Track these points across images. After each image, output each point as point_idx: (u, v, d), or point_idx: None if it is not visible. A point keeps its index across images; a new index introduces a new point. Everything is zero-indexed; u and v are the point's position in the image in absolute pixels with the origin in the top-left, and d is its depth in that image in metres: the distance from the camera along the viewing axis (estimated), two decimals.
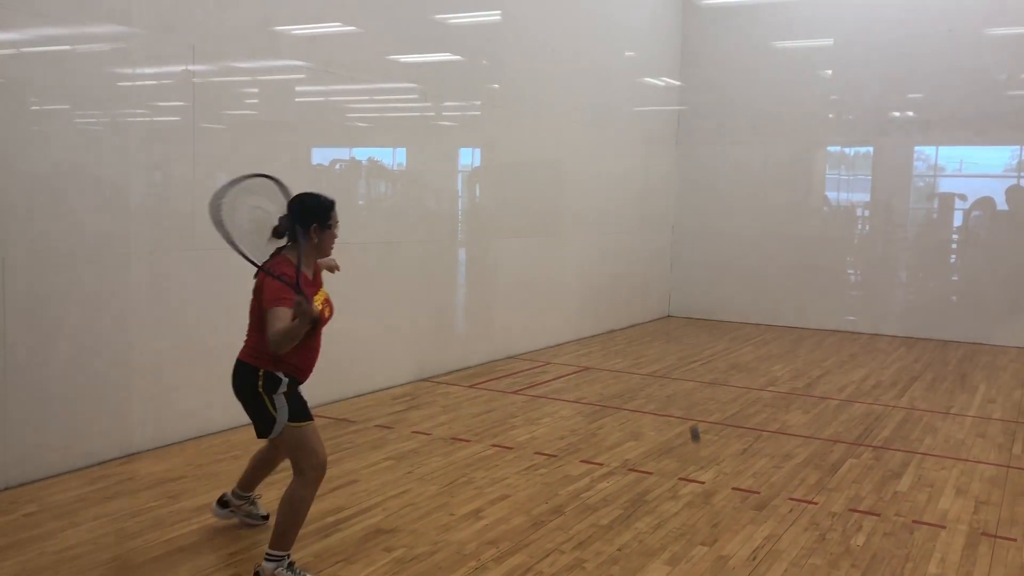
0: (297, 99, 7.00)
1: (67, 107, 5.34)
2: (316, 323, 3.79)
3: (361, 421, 6.64)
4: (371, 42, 7.53)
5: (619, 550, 4.35)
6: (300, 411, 3.91)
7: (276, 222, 3.92)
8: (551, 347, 10.25)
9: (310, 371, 4.04)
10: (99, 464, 5.42)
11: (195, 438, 5.99)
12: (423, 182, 8.53)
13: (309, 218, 3.87)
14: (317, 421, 6.25)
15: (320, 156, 7.55)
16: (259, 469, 4.49)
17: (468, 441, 6.20)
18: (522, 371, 8.83)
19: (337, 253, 4.19)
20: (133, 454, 5.63)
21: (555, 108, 10.09)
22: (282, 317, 3.62)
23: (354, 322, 7.36)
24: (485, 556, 4.23)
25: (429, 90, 8.39)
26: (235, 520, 4.55)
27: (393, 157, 8.42)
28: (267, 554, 3.84)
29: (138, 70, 5.76)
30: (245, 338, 3.97)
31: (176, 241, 5.92)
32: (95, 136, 5.49)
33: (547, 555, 4.26)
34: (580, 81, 10.54)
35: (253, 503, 4.56)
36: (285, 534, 3.83)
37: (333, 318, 4.11)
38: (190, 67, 5.95)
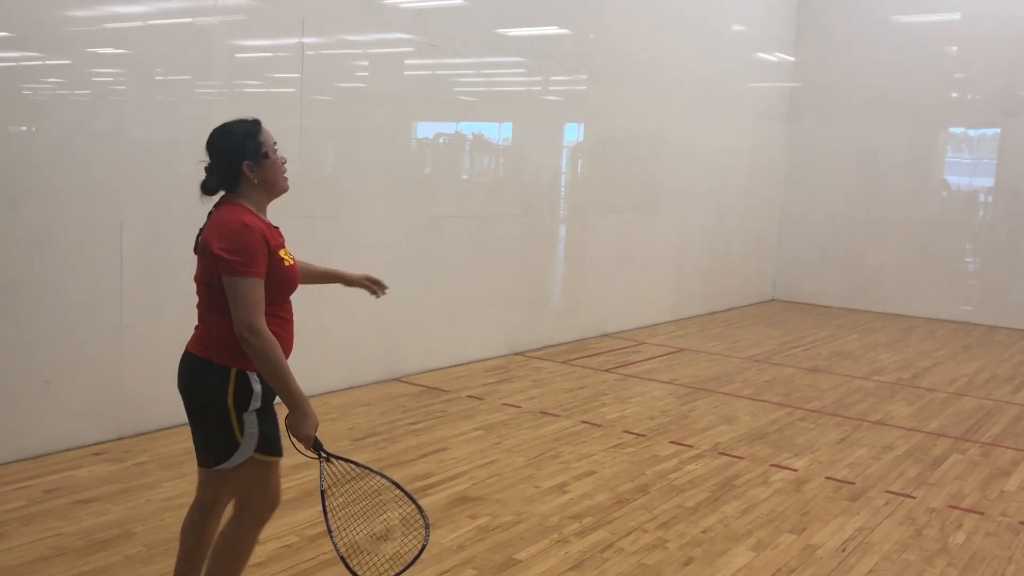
0: (405, 72, 7.11)
1: (188, 78, 5.58)
2: (289, 285, 2.98)
3: (454, 391, 6.76)
4: (478, 16, 7.57)
5: (703, 532, 4.31)
6: (274, 441, 2.91)
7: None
8: (647, 327, 10.16)
9: (290, 348, 3.00)
10: None
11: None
12: (526, 157, 8.55)
13: (236, 157, 2.93)
14: (410, 389, 6.36)
15: (425, 130, 7.66)
16: (198, 551, 3.06)
17: (557, 416, 6.23)
18: (616, 349, 8.79)
19: (439, 226, 3.89)
20: None
21: (662, 83, 9.92)
22: (246, 292, 2.74)
23: (451, 293, 7.50)
24: (567, 530, 4.26)
25: (536, 64, 8.38)
26: None
27: (499, 132, 8.47)
28: None
29: (253, 42, 5.97)
30: (198, 323, 2.97)
31: (285, 208, 6.11)
32: (212, 106, 5.73)
33: (629, 532, 4.26)
34: (688, 55, 10.32)
35: None
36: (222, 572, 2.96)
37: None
38: (303, 40, 6.11)
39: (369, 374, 6.85)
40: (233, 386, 2.81)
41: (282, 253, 2.93)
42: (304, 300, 6.17)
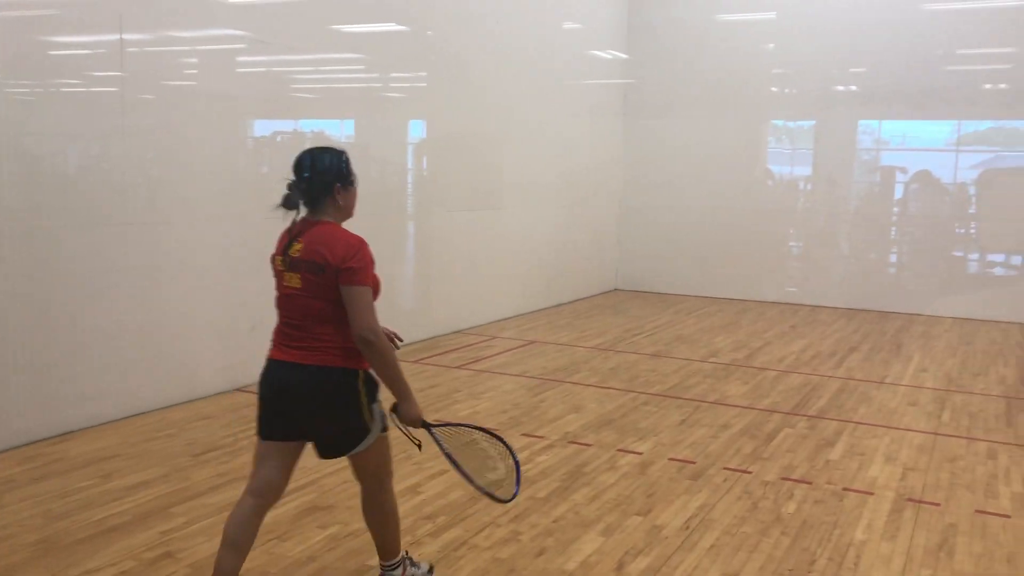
0: (238, 69, 6.86)
1: None
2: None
3: None
4: (311, 11, 7.38)
5: (554, 522, 4.39)
6: (383, 418, 3.37)
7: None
8: (498, 321, 10.26)
9: None
10: (30, 444, 5.31)
11: (128, 417, 5.88)
12: (369, 155, 8.45)
13: (331, 178, 3.26)
14: (252, 398, 6.22)
15: (262, 128, 7.42)
16: (250, 541, 3.34)
17: None
18: (467, 346, 8.83)
19: (277, 227, 3.67)
20: (66, 433, 5.52)
21: (501, 80, 10.02)
22: (368, 299, 3.16)
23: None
24: (421, 531, 4.24)
25: (375, 60, 8.28)
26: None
27: (341, 129, 8.32)
28: (384, 567, 3.52)
29: (68, 38, 5.60)
30: (296, 335, 3.21)
31: (108, 215, 5.78)
32: (27, 106, 5.33)
33: (483, 528, 4.28)
34: (525, 53, 10.47)
35: (414, 564, 3.69)
36: (391, 541, 3.51)
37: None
38: (122, 36, 5.78)
39: (209, 385, 6.57)
40: (363, 384, 3.23)
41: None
42: (135, 308, 5.90)
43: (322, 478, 4.90)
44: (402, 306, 8.95)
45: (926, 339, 9.91)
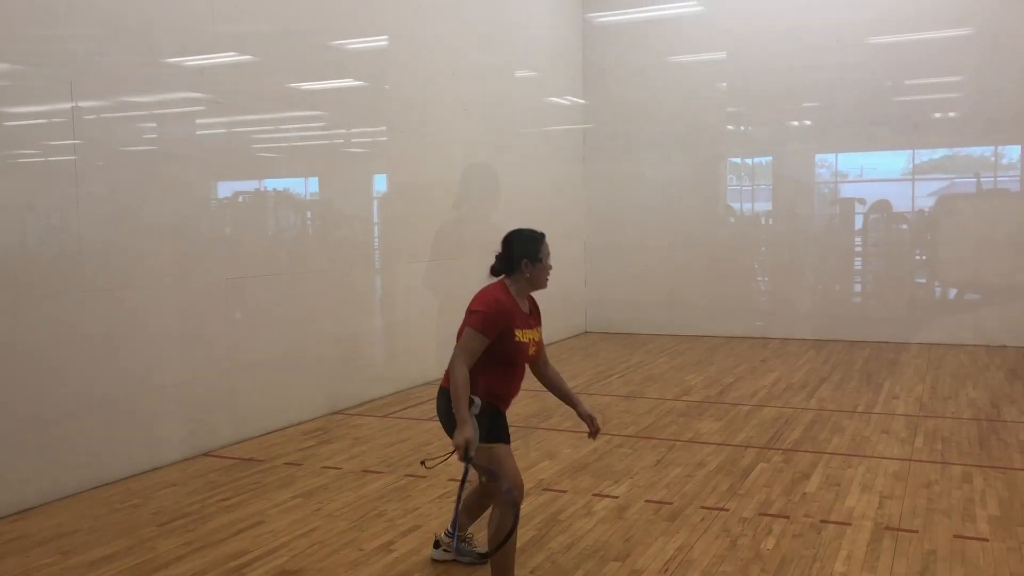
0: (197, 131, 6.83)
1: None
2: (517, 356, 4.02)
3: (269, 459, 6.45)
4: (267, 71, 7.40)
5: (531, 572, 4.30)
6: (493, 432, 3.91)
7: None
8: None
9: (509, 400, 4.11)
10: None
11: (91, 489, 5.72)
12: (335, 210, 8.43)
13: (520, 253, 4.07)
14: (221, 463, 6.10)
15: (225, 189, 7.38)
16: (471, 512, 4.42)
17: (381, 473, 6.08)
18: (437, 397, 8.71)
19: (241, 288, 3.93)
20: (25, 510, 5.35)
21: (460, 131, 10.08)
22: (468, 339, 3.85)
23: (260, 357, 7.20)
24: None
25: (335, 117, 8.31)
26: (450, 557, 4.43)
27: (305, 187, 8.30)
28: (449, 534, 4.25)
29: (21, 108, 5.55)
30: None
31: (66, 283, 5.68)
32: None
33: None
34: (483, 102, 10.56)
35: (467, 541, 4.42)
36: (503, 570, 3.89)
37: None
38: (74, 104, 5.74)
39: (174, 452, 6.42)
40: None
41: (518, 333, 3.98)
42: (95, 377, 5.78)
43: (292, 540, 4.77)
44: (369, 360, 8.86)
45: (895, 366, 9.97)
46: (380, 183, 9.23)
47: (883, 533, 4.73)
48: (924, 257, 12.26)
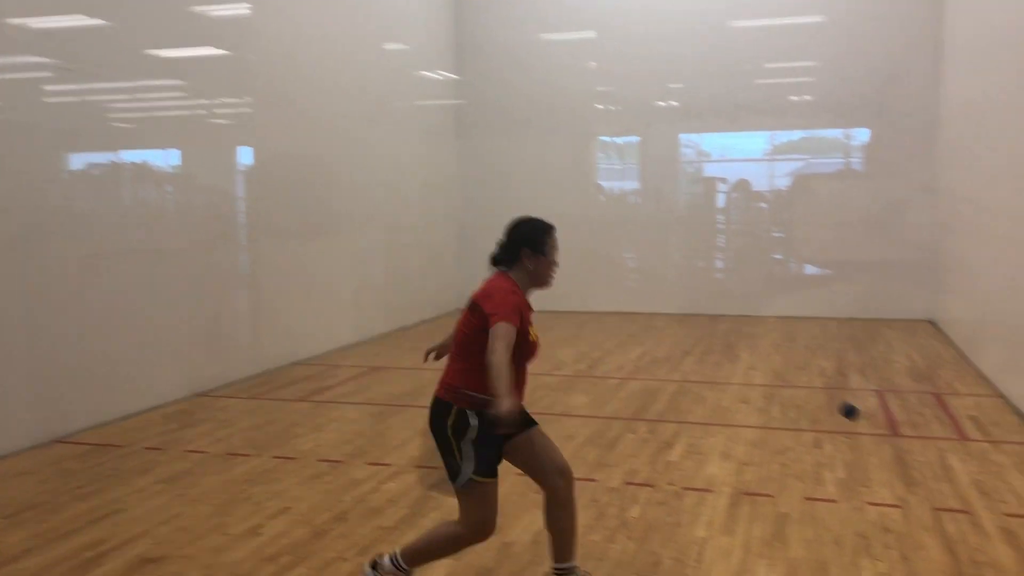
0: (44, 99, 6.39)
1: None
2: (527, 355, 3.73)
3: (128, 445, 6.18)
4: (122, 37, 7.00)
5: (400, 548, 4.28)
6: (489, 466, 3.66)
7: None
8: (340, 349, 10.03)
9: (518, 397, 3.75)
10: None
11: None
12: (197, 184, 8.09)
13: (521, 242, 3.75)
14: (75, 449, 5.81)
15: (77, 161, 6.95)
16: (557, 530, 3.98)
17: (247, 455, 5.91)
18: (308, 377, 8.57)
19: (95, 266, 3.72)
20: None
21: (327, 103, 9.84)
22: (504, 332, 3.39)
23: (116, 338, 6.87)
24: (262, 573, 4.04)
25: (197, 87, 7.95)
26: None
27: (165, 159, 7.91)
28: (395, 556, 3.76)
29: None
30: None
31: None
32: None
33: (328, 564, 4.13)
34: (351, 75, 10.34)
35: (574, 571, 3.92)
36: (424, 552, 3.75)
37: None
38: None
39: (22, 439, 6.05)
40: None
41: (532, 331, 3.69)
42: None
43: (154, 527, 4.59)
44: (234, 340, 8.59)
45: (753, 339, 10.45)
46: (246, 156, 8.93)
47: (741, 498, 4.96)
48: (780, 235, 12.87)
